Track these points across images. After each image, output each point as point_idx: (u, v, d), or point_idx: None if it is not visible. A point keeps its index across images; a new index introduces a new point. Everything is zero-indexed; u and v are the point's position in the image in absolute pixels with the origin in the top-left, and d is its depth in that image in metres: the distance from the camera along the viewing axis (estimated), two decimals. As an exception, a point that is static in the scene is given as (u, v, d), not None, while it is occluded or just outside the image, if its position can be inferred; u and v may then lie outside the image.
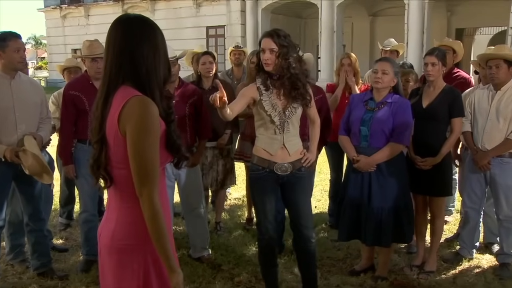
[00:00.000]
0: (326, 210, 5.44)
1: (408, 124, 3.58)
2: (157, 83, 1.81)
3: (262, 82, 3.19)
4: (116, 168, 1.79)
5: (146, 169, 1.70)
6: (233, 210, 5.79)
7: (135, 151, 1.70)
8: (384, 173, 3.57)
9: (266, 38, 3.10)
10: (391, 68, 3.57)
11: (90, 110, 3.62)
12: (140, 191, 1.71)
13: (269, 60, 3.08)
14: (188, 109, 4.03)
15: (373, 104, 3.63)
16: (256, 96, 3.19)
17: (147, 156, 1.70)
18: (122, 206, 1.82)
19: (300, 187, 3.33)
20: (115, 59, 1.78)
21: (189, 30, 21.81)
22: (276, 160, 3.23)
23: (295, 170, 3.28)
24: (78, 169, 3.93)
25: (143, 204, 1.72)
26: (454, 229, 4.95)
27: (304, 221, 3.35)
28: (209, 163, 4.71)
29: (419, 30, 17.01)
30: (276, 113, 3.16)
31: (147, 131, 1.69)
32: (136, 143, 1.69)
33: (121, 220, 1.82)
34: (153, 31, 1.83)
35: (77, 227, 4.89)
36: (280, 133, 3.19)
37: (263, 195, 3.30)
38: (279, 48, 3.06)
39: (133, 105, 1.70)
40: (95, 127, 1.81)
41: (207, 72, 4.60)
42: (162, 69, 1.83)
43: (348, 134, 3.76)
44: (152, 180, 1.71)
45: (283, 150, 3.23)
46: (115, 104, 1.75)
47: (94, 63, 3.89)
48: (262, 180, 3.28)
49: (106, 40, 1.81)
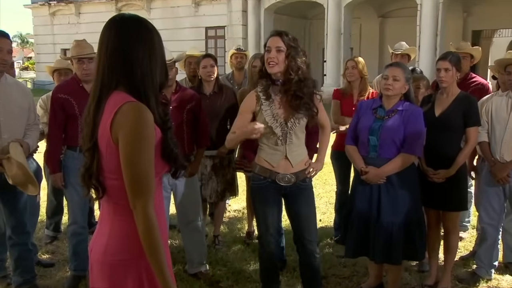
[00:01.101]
0: (331, 224, 5.43)
1: (420, 133, 3.58)
2: (153, 88, 1.81)
3: (263, 89, 3.19)
4: (108, 178, 1.79)
5: (140, 180, 1.70)
6: (233, 223, 5.78)
7: (128, 161, 1.70)
8: (394, 186, 3.56)
9: (274, 37, 3.11)
10: (402, 74, 3.57)
11: (80, 115, 3.64)
12: (134, 204, 1.71)
13: (274, 59, 3.07)
14: (185, 115, 4.04)
15: (383, 112, 3.64)
16: (254, 108, 3.21)
17: (141, 166, 1.70)
18: (115, 219, 1.82)
19: (304, 198, 3.34)
20: (108, 62, 1.78)
21: (187, 31, 21.89)
22: (278, 171, 3.24)
23: (298, 181, 3.28)
24: (67, 178, 3.93)
25: (137, 217, 1.71)
26: (470, 247, 4.92)
27: (308, 234, 3.35)
28: (208, 173, 4.71)
29: (432, 32, 16.96)
30: (277, 124, 3.16)
31: (141, 140, 1.69)
32: (129, 152, 1.69)
33: (114, 234, 1.82)
34: (150, 32, 1.84)
35: (65, 240, 4.87)
36: (283, 144, 3.20)
37: (265, 207, 3.31)
38: (287, 47, 3.06)
39: (126, 112, 1.70)
40: (86, 134, 1.82)
41: (208, 76, 4.60)
42: (158, 73, 1.84)
43: (356, 143, 3.76)
44: (146, 191, 1.71)
45: (285, 161, 3.24)
46: (107, 110, 1.75)
47: (81, 64, 3.90)
48: (264, 191, 3.29)
49: (99, 41, 1.81)
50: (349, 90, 4.83)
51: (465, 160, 3.95)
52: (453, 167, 3.77)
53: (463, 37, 19.34)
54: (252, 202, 3.48)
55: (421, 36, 17.13)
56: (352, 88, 4.81)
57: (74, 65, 4.02)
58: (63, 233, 5.13)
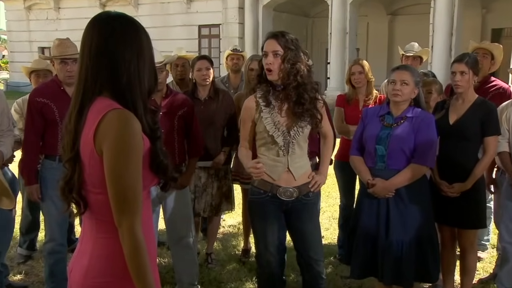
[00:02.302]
0: (335, 241, 5.43)
1: (432, 142, 3.59)
2: (141, 93, 1.82)
3: (263, 95, 3.21)
4: (91, 192, 1.79)
5: (126, 195, 1.70)
6: (227, 240, 5.78)
7: (113, 174, 1.70)
8: (404, 200, 3.57)
9: (270, 40, 3.13)
10: (411, 77, 3.58)
11: (61, 120, 3.62)
12: (119, 221, 1.71)
13: (272, 64, 3.09)
14: (176, 122, 4.04)
15: (391, 119, 3.65)
16: (253, 115, 3.23)
17: (127, 180, 1.70)
18: (98, 236, 1.82)
19: (307, 214, 3.35)
20: (92, 64, 1.78)
21: (178, 29, 21.93)
22: (280, 184, 3.25)
23: (301, 195, 3.29)
24: (45, 190, 3.91)
25: (123, 236, 1.71)
26: (489, 268, 4.91)
27: (314, 253, 3.37)
28: (202, 185, 4.70)
29: (447, 31, 16.84)
30: (279, 133, 3.18)
31: (128, 151, 1.70)
32: (115, 165, 1.69)
33: (96, 253, 1.81)
34: (138, 32, 1.84)
35: (41, 259, 4.84)
36: (284, 155, 3.22)
37: (264, 223, 3.32)
38: (284, 51, 3.07)
39: (111, 120, 1.70)
40: (67, 143, 1.81)
41: (203, 79, 4.61)
42: (147, 77, 1.84)
43: (362, 154, 3.77)
44: (133, 207, 1.71)
45: (288, 174, 3.25)
46: (90, 118, 1.75)
47: (64, 65, 3.90)
48: (264, 206, 3.30)
49: (82, 41, 1.81)
50: (354, 96, 4.84)
51: (483, 173, 3.95)
52: (470, 180, 3.77)
53: (481, 36, 19.26)
54: (250, 219, 3.49)
55: (435, 36, 17.02)
56: (358, 93, 4.83)
57: (55, 66, 4.02)
58: (39, 252, 5.09)
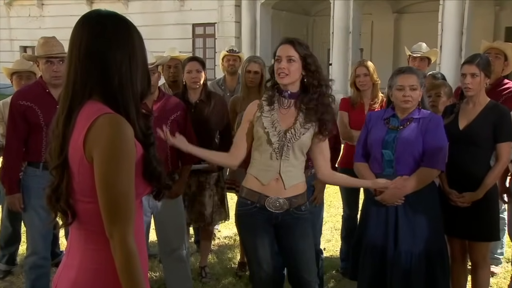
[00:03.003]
0: (337, 254, 5.42)
1: (442, 143, 3.60)
2: (133, 96, 1.82)
3: (268, 97, 3.28)
4: (81, 201, 1.79)
5: (118, 204, 1.70)
6: (222, 252, 5.76)
7: (104, 182, 1.70)
8: (413, 208, 3.57)
9: (285, 45, 3.21)
10: (418, 80, 3.62)
11: (46, 125, 3.61)
12: (111, 231, 1.71)
13: (285, 69, 3.16)
14: (169, 127, 4.00)
15: (397, 121, 3.66)
16: (253, 117, 3.28)
17: (119, 188, 1.70)
18: (87, 248, 1.81)
19: (299, 230, 3.33)
20: (81, 66, 1.78)
21: (171, 28, 21.93)
22: (268, 194, 3.25)
23: (292, 208, 3.28)
24: (27, 200, 3.89)
25: (115, 248, 1.71)
26: (504, 284, 4.89)
27: (307, 274, 3.35)
28: (192, 193, 4.68)
29: (456, 30, 16.67)
30: (275, 132, 3.21)
31: (119, 158, 1.70)
32: (106, 172, 1.69)
33: (84, 266, 1.80)
34: (129, 32, 1.85)
35: (21, 274, 4.81)
36: (277, 159, 3.23)
37: (254, 237, 3.31)
38: (300, 57, 3.17)
39: (102, 126, 1.71)
40: (55, 149, 1.81)
41: (193, 82, 4.61)
42: (139, 80, 1.85)
43: (367, 160, 3.76)
44: (125, 217, 1.71)
45: (277, 181, 3.25)
46: (79, 123, 1.75)
47: (50, 65, 3.90)
48: (252, 218, 3.29)
49: (70, 41, 1.82)
50: (359, 99, 4.84)
51: (496, 181, 3.95)
52: (481, 189, 3.77)
53: (494, 35, 19.15)
54: (239, 233, 3.48)
55: (444, 35, 16.83)
56: (363, 97, 4.83)
57: (40, 67, 4.01)
58: (19, 266, 5.05)
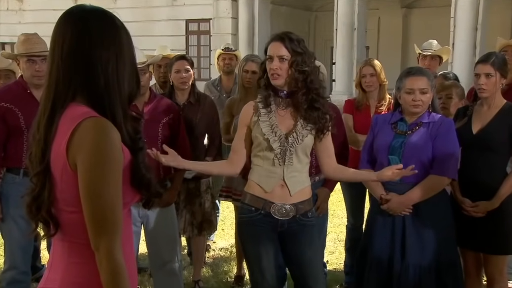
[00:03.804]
0: (341, 267, 5.42)
1: (453, 149, 3.59)
2: (120, 99, 1.82)
3: (263, 99, 3.26)
4: (64, 211, 1.78)
5: (104, 214, 1.70)
6: (218, 265, 5.76)
7: (89, 191, 1.69)
8: (422, 218, 3.57)
9: (275, 42, 3.19)
10: (428, 82, 3.60)
11: (27, 128, 3.61)
12: (97, 244, 1.70)
13: (278, 70, 3.15)
14: (161, 130, 4.04)
15: (404, 126, 3.66)
16: (249, 120, 3.28)
17: (105, 198, 1.69)
18: (70, 261, 1.81)
19: (306, 238, 3.34)
20: (64, 65, 1.77)
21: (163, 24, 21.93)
22: (273, 200, 3.25)
23: (299, 215, 3.29)
24: (6, 209, 3.89)
25: (101, 261, 1.70)
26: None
27: (314, 283, 3.35)
28: (182, 201, 4.68)
29: (470, 26, 16.48)
30: (276, 137, 3.20)
31: (105, 165, 1.70)
32: (91, 181, 1.69)
33: (68, 280, 1.80)
34: (117, 30, 1.85)
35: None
36: (280, 165, 3.23)
37: (257, 246, 3.31)
38: (292, 55, 3.14)
39: (86, 130, 1.70)
40: (36, 154, 1.81)
41: (181, 83, 4.61)
42: (127, 81, 1.85)
43: (372, 166, 3.77)
44: (112, 229, 1.71)
45: (282, 188, 3.26)
46: (62, 128, 1.75)
47: (31, 64, 3.90)
48: (256, 226, 3.29)
49: (53, 38, 1.81)
50: (365, 101, 4.84)
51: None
52: (497, 198, 3.76)
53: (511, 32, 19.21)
54: (241, 241, 3.48)
55: (456, 32, 16.65)
56: (369, 98, 4.83)
57: (20, 65, 4.01)
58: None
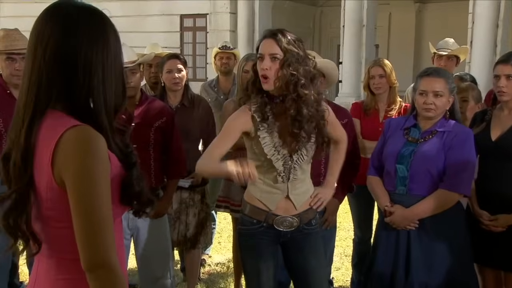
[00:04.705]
0: (348, 284, 5.42)
1: (468, 163, 3.56)
2: (106, 109, 1.79)
3: (259, 108, 3.14)
4: (53, 227, 1.77)
5: (101, 230, 1.68)
6: (214, 281, 5.75)
7: (81, 207, 1.67)
8: (429, 234, 3.55)
9: (267, 40, 3.08)
10: (445, 85, 3.54)
11: (6, 132, 3.62)
12: (95, 262, 1.68)
13: (268, 71, 3.03)
14: (153, 135, 4.04)
15: (417, 133, 3.64)
16: (249, 129, 3.16)
17: (99, 214, 1.68)
18: (58, 278, 1.80)
19: (309, 246, 3.35)
20: (47, 68, 1.74)
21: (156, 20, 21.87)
22: (276, 213, 3.26)
23: (303, 224, 3.30)
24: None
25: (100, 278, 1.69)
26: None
27: None
28: (175, 211, 4.68)
29: (491, 22, 16.10)
30: (279, 156, 3.15)
31: (96, 178, 1.68)
32: (82, 196, 1.67)
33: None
34: (107, 32, 1.83)
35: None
36: (284, 182, 3.21)
37: (258, 261, 3.31)
38: (284, 54, 3.02)
39: (71, 142, 1.68)
40: (15, 162, 1.75)
41: (174, 84, 4.61)
42: (113, 90, 1.82)
43: (380, 174, 3.78)
44: (109, 243, 1.69)
45: (286, 201, 3.26)
46: (44, 140, 1.72)
47: (11, 62, 3.93)
48: (257, 238, 3.29)
49: (34, 35, 1.78)
50: (373, 105, 4.86)
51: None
52: (518, 210, 3.77)
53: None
54: (240, 254, 3.48)
55: (475, 28, 16.21)
56: (378, 101, 4.84)
57: None
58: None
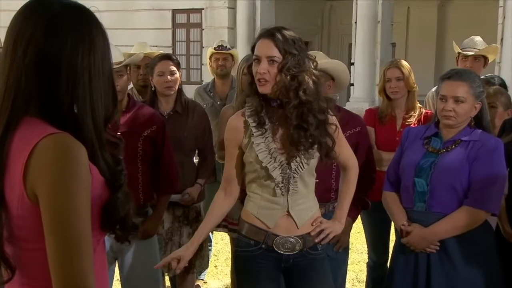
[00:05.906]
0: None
1: (497, 176, 3.54)
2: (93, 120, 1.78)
3: (254, 112, 3.15)
4: (24, 249, 1.76)
5: (77, 250, 1.66)
6: (210, 311, 5.77)
7: (56, 225, 1.65)
8: (452, 258, 3.54)
9: (264, 40, 3.08)
10: (468, 90, 3.51)
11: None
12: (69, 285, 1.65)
13: (266, 74, 3.04)
14: (141, 145, 4.04)
15: (438, 143, 3.63)
16: (241, 140, 3.20)
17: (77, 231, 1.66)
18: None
19: (316, 274, 3.35)
20: (27, 70, 1.73)
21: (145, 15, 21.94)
22: (276, 232, 3.25)
23: (306, 248, 3.30)
24: None
25: None
26: None
27: None
28: (166, 231, 4.70)
29: None
30: (276, 164, 3.15)
31: (72, 191, 1.65)
32: (57, 212, 1.65)
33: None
34: (88, 24, 1.82)
35: None
36: (283, 194, 3.21)
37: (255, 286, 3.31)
38: (283, 56, 3.03)
39: (46, 152, 1.66)
40: None
41: (166, 88, 4.61)
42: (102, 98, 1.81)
43: (397, 189, 3.77)
44: (87, 267, 1.66)
45: (287, 219, 3.25)
46: (16, 151, 1.71)
47: None
48: (256, 263, 3.30)
49: (12, 33, 1.77)
50: (390, 111, 4.84)
51: None
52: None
53: None
54: (237, 280, 3.49)
55: (506, 25, 15.91)
56: (394, 107, 4.83)
57: None
58: None
